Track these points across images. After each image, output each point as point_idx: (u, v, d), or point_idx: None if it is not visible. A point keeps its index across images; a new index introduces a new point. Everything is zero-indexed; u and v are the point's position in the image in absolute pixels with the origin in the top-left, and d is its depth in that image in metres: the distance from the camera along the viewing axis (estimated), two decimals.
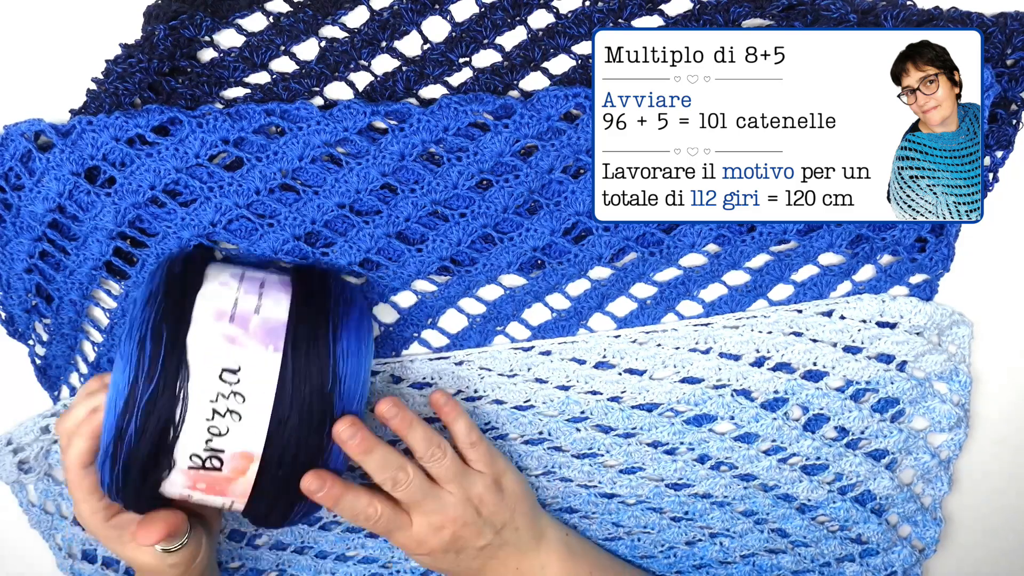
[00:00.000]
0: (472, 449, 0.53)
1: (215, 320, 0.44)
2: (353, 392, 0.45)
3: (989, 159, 0.52)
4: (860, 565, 0.62)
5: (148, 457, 0.42)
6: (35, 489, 0.60)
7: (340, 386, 0.44)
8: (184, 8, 0.48)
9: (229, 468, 0.44)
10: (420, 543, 0.51)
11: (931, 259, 0.55)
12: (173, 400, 0.42)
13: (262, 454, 0.43)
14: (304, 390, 0.43)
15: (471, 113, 0.49)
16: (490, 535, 0.53)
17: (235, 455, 0.43)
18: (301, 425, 0.43)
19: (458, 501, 0.51)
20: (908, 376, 0.57)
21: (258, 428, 0.43)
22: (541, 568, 0.56)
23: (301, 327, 0.44)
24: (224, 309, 0.44)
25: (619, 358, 0.56)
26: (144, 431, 0.42)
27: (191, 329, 0.43)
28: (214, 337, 0.43)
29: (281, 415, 0.43)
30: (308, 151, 0.49)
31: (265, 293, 0.46)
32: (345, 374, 0.44)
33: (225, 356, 0.43)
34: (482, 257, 0.53)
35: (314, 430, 0.44)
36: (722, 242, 0.54)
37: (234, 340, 0.43)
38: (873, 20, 0.48)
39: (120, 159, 0.48)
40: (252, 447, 0.43)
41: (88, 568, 0.61)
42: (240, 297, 0.45)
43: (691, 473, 0.59)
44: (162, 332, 0.42)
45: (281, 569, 0.63)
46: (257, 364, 0.43)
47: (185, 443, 0.43)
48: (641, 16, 0.49)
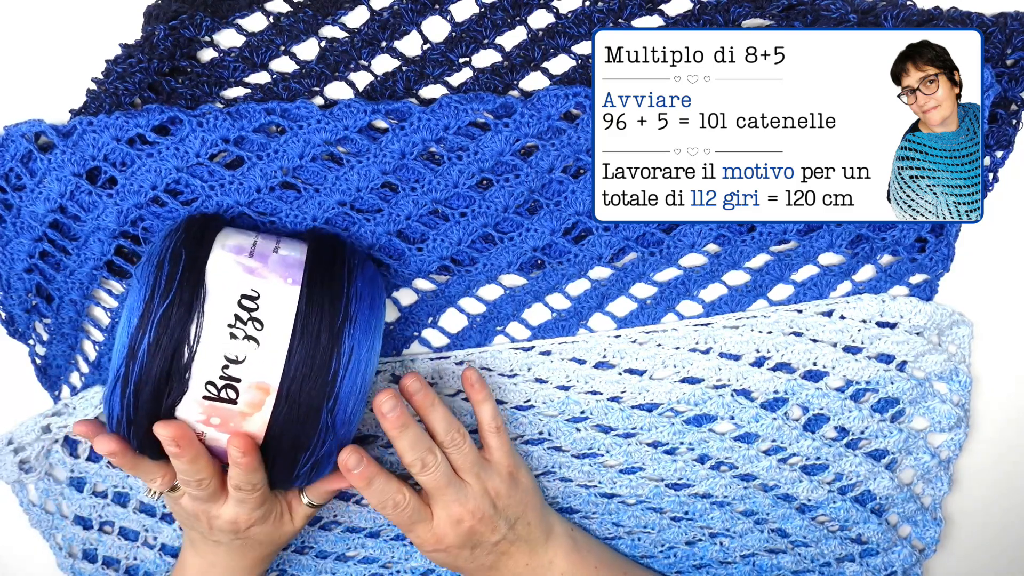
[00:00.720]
0: (496, 435, 0.53)
1: (235, 253, 0.44)
2: (362, 343, 0.44)
3: (989, 159, 0.52)
4: (860, 565, 0.62)
5: (161, 375, 0.41)
6: (35, 489, 0.60)
7: (350, 326, 0.43)
8: (184, 8, 0.48)
9: (244, 401, 0.43)
10: (440, 539, 0.51)
11: (931, 259, 0.55)
12: (188, 316, 0.41)
13: (278, 387, 0.43)
14: (317, 325, 0.43)
15: (471, 112, 0.49)
16: (504, 529, 0.53)
17: (251, 386, 0.42)
18: (309, 361, 0.42)
19: (477, 492, 0.51)
20: (908, 376, 0.57)
21: (276, 357, 0.42)
22: (549, 564, 0.56)
23: (319, 265, 0.44)
24: (243, 246, 0.44)
25: (619, 358, 0.56)
26: (157, 346, 0.41)
27: (211, 256, 0.43)
28: (233, 265, 0.43)
29: (295, 348, 0.42)
30: (309, 149, 0.49)
31: (283, 242, 0.46)
32: (356, 314, 0.44)
33: (244, 283, 0.43)
34: (482, 257, 0.53)
35: (318, 369, 0.43)
36: (722, 242, 0.54)
37: (253, 271, 0.43)
38: (873, 20, 0.48)
39: (121, 159, 0.48)
40: (269, 377, 0.42)
41: (88, 568, 0.61)
42: (259, 240, 0.45)
43: (691, 473, 0.59)
44: (181, 255, 0.42)
45: (282, 569, 0.63)
46: (276, 293, 0.43)
47: (200, 367, 0.42)
48: (641, 16, 0.50)
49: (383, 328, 0.46)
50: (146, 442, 0.44)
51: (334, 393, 0.43)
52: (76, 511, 0.61)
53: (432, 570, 0.63)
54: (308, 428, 0.43)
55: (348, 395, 0.44)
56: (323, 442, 0.44)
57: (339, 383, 0.43)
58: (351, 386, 0.44)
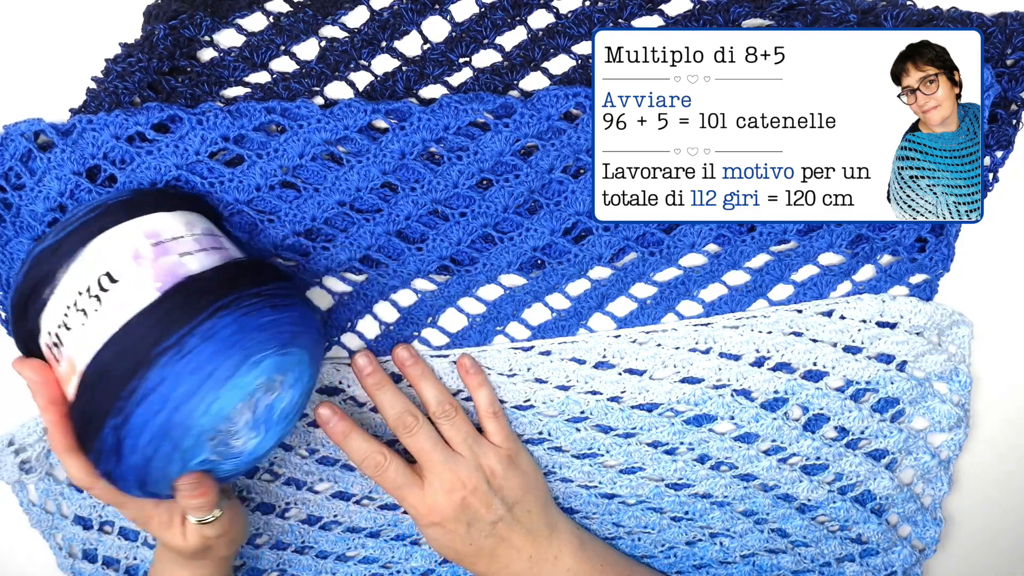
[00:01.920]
0: (493, 419, 0.54)
1: (143, 235, 0.43)
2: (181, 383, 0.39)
3: (989, 159, 0.52)
4: (860, 565, 0.62)
5: (24, 297, 0.43)
6: (36, 489, 0.60)
7: (174, 355, 0.39)
8: (184, 8, 0.48)
9: (62, 369, 0.42)
10: (432, 508, 0.52)
11: (931, 259, 0.55)
12: (57, 262, 0.42)
13: (82, 373, 0.40)
14: (138, 336, 0.39)
15: (471, 112, 0.49)
16: (501, 509, 0.53)
17: (66, 357, 0.42)
18: (113, 365, 0.39)
19: (471, 465, 0.52)
20: (908, 376, 0.57)
21: (91, 343, 0.40)
22: (555, 559, 0.56)
23: (194, 285, 0.41)
24: (159, 233, 0.43)
25: (619, 358, 0.56)
26: (28, 270, 0.43)
27: (117, 226, 0.43)
28: (126, 245, 0.42)
29: (109, 345, 0.40)
30: (309, 149, 0.49)
31: (209, 253, 0.44)
32: (191, 349, 0.39)
33: (119, 264, 0.42)
34: (482, 256, 0.53)
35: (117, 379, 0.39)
36: (722, 242, 0.54)
37: (138, 258, 0.42)
38: (873, 20, 0.48)
39: (121, 157, 0.48)
40: (78, 358, 0.41)
41: (88, 568, 0.61)
42: (186, 238, 0.44)
43: (691, 473, 0.59)
44: (90, 216, 0.43)
45: (282, 569, 0.63)
46: (135, 288, 0.41)
47: (49, 314, 0.42)
48: (641, 16, 0.50)
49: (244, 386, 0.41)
50: (23, 348, 0.45)
51: (124, 411, 0.39)
52: (76, 511, 0.61)
53: (432, 570, 0.63)
54: (92, 430, 0.40)
55: (142, 424, 0.39)
56: (106, 458, 0.41)
57: (133, 405, 0.39)
58: (148, 416, 0.39)
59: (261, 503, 0.61)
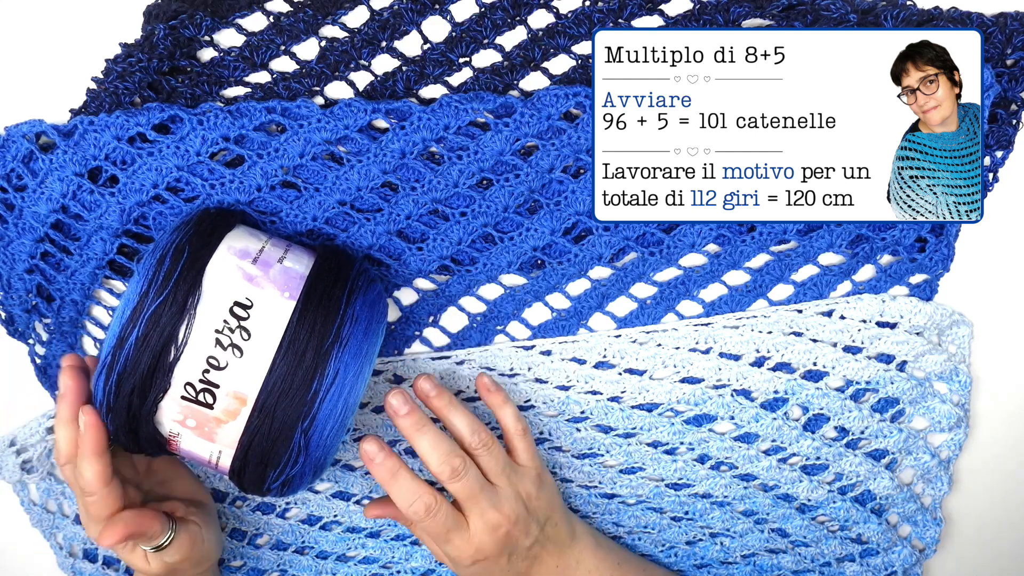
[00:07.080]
0: (522, 438, 0.52)
1: (238, 257, 0.44)
2: (349, 367, 0.43)
3: (989, 159, 0.52)
4: (860, 565, 0.62)
5: (146, 371, 0.42)
6: (37, 489, 0.60)
7: (339, 348, 0.43)
8: (184, 8, 0.48)
9: (221, 408, 0.43)
10: (479, 548, 0.49)
11: (931, 259, 0.55)
12: (179, 316, 0.42)
13: (255, 399, 0.42)
14: (304, 343, 0.42)
15: (471, 112, 0.49)
16: (536, 532, 0.52)
17: (229, 394, 0.42)
18: (289, 378, 0.42)
19: (511, 496, 0.49)
20: (908, 376, 0.57)
21: (257, 369, 0.42)
22: (576, 564, 0.55)
23: (319, 282, 0.44)
24: (249, 251, 0.45)
25: (619, 358, 0.56)
26: (145, 341, 0.41)
27: (213, 257, 0.43)
28: (233, 270, 0.43)
29: (278, 362, 0.42)
30: (309, 148, 0.49)
31: (291, 251, 0.46)
32: (348, 337, 0.43)
33: (240, 290, 0.43)
34: (482, 256, 0.53)
35: (298, 387, 0.42)
36: (722, 242, 0.54)
37: (252, 279, 0.43)
38: (873, 20, 0.48)
39: (122, 158, 0.48)
40: (247, 388, 0.42)
41: (89, 567, 0.61)
42: (267, 247, 0.46)
43: (691, 473, 0.59)
44: (183, 252, 0.43)
45: (282, 569, 0.63)
46: (270, 305, 0.43)
47: (183, 367, 0.42)
48: (641, 16, 0.50)
49: (376, 354, 0.46)
50: (120, 432, 0.44)
51: (311, 413, 0.43)
52: (77, 511, 0.61)
53: (432, 570, 0.63)
54: (280, 445, 0.43)
55: (326, 418, 0.43)
56: (294, 462, 0.44)
57: (318, 404, 0.43)
58: (330, 409, 0.43)
59: (261, 503, 0.61)
